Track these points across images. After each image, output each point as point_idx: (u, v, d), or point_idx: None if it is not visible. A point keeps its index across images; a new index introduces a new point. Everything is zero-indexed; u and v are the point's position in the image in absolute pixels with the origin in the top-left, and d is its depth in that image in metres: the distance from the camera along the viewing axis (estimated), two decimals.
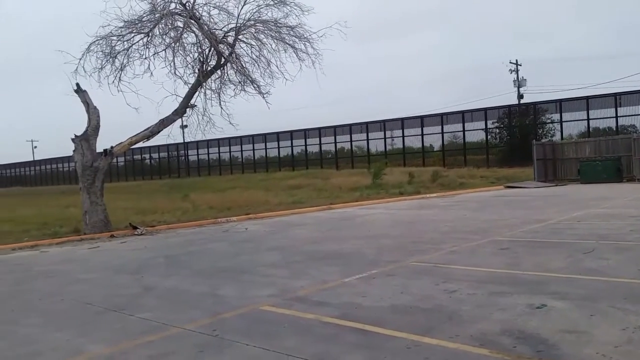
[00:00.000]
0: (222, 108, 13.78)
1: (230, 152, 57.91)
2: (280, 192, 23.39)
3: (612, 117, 36.98)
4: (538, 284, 5.20)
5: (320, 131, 50.77)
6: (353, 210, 16.00)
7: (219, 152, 58.65)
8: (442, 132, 44.63)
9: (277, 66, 13.59)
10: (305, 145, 52.30)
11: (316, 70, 13.56)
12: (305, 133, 51.84)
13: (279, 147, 53.74)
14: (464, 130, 43.50)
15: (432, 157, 44.26)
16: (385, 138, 47.18)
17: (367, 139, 48.35)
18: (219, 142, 55.85)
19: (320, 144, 51.10)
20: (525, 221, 10.55)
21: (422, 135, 45.15)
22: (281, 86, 13.90)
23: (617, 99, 36.55)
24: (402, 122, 46.34)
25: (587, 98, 38.03)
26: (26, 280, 7.19)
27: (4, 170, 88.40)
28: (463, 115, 43.24)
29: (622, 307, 4.23)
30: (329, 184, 27.22)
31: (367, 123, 48.47)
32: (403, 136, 46.32)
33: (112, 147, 12.94)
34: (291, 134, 52.65)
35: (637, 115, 35.71)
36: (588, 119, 38.02)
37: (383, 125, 47.14)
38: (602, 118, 37.65)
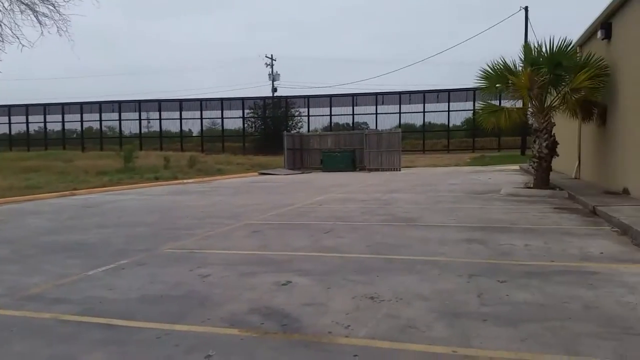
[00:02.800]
0: None
1: None
2: (11, 175, 20.09)
3: (349, 115, 42.41)
4: (284, 263, 5.61)
5: (63, 107, 45.30)
6: (101, 196, 14.78)
7: None
8: (202, 118, 44.59)
9: (10, 29, 11.56)
10: (45, 122, 46.02)
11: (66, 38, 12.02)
12: (45, 108, 45.57)
13: (9, 123, 46.09)
14: (222, 118, 44.26)
15: (191, 142, 43.92)
16: (140, 119, 44.78)
17: (120, 119, 45.20)
18: None
19: (63, 121, 45.61)
20: (275, 205, 11.29)
21: (181, 119, 44.34)
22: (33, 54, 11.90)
23: (354, 99, 42.01)
24: (160, 104, 44.69)
25: (331, 96, 42.71)
26: None
27: None
28: (222, 103, 43.92)
29: (352, 279, 4.86)
30: (73, 167, 24.56)
31: (120, 102, 45.25)
32: (160, 119, 44.74)
33: None
34: (27, 109, 45.65)
35: (368, 114, 41.74)
36: (331, 115, 42.78)
37: (138, 105, 44.66)
38: (341, 115, 42.86)
